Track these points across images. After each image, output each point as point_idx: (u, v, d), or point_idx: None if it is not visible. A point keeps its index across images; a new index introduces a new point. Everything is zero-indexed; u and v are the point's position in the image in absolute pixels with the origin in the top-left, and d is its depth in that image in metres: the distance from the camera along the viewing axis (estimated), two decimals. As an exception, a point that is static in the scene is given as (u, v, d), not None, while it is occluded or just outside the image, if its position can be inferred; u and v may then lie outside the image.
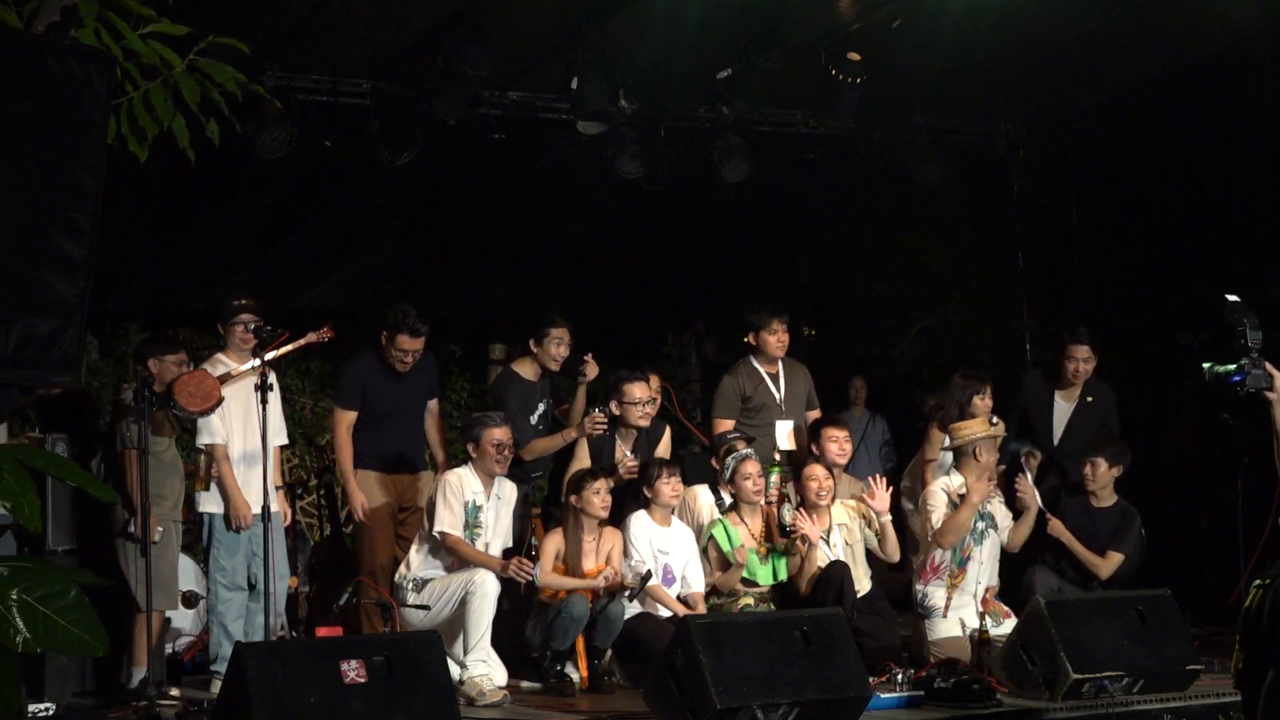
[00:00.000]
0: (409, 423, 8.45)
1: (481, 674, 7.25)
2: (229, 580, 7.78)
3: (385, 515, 8.23)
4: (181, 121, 4.66)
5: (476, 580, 7.34)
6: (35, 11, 4.40)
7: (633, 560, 7.83)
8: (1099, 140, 10.52)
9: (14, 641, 3.00)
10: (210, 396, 7.43)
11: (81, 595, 3.12)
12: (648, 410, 8.39)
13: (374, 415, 8.32)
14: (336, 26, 8.42)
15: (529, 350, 8.57)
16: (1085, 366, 8.90)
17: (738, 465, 8.10)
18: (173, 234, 10.53)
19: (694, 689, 6.18)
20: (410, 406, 8.45)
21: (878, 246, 11.69)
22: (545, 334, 8.46)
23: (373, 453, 8.32)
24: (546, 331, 8.46)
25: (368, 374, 8.34)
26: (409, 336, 8.18)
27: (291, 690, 5.65)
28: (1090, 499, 8.48)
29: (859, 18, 8.95)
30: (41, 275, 4.07)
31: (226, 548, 7.78)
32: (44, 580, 3.07)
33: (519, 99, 9.42)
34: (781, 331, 8.76)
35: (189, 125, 4.70)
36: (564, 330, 8.49)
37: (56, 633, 3.05)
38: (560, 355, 8.52)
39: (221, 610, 7.75)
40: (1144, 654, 7.08)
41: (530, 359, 8.56)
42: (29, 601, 3.04)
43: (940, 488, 8.18)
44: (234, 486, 7.72)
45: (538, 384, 8.57)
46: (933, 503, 8.13)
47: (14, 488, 3.12)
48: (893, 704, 6.89)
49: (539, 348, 8.49)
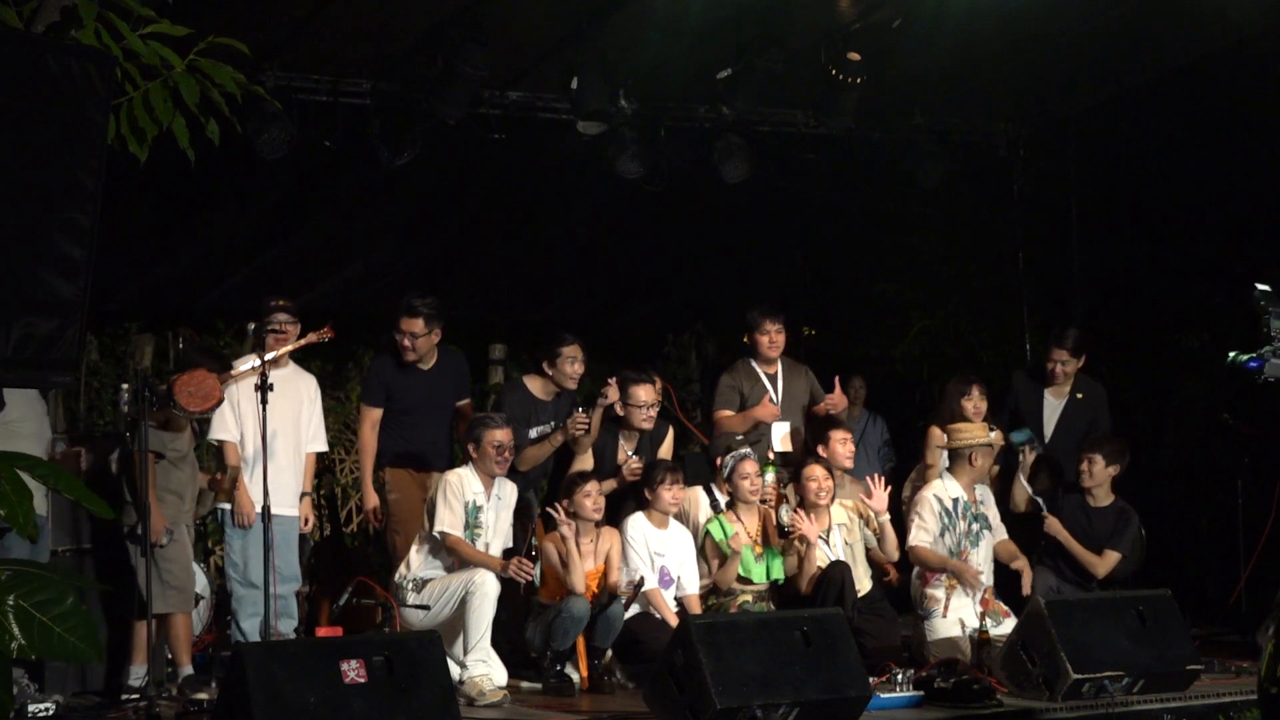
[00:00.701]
0: (435, 420, 8.45)
1: (481, 674, 7.24)
2: (240, 576, 7.79)
3: (417, 511, 8.21)
4: (181, 122, 4.67)
5: (477, 580, 7.34)
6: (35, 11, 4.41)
7: (629, 567, 7.84)
8: (1099, 140, 10.52)
9: (9, 648, 2.99)
10: (210, 396, 7.41)
11: (79, 602, 3.11)
12: (651, 413, 8.38)
13: (396, 411, 8.36)
14: (336, 26, 8.43)
15: (541, 369, 8.46)
16: (1065, 369, 8.94)
17: (736, 464, 8.10)
18: (173, 234, 10.53)
19: (694, 689, 6.18)
20: (435, 403, 8.44)
21: (878, 246, 11.69)
22: (558, 354, 8.32)
23: (399, 449, 8.35)
24: (559, 351, 8.32)
25: (387, 370, 8.38)
26: (407, 316, 8.20)
27: (291, 690, 5.65)
28: (1087, 498, 8.49)
29: (859, 18, 8.95)
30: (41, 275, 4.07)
31: (238, 544, 7.79)
32: (42, 586, 3.06)
33: (519, 99, 9.42)
34: (774, 332, 8.72)
35: (189, 126, 4.70)
36: (576, 348, 8.36)
37: (52, 640, 3.04)
38: (576, 373, 8.40)
39: (235, 607, 7.79)
40: (1144, 654, 7.08)
41: (542, 377, 8.48)
42: (25, 608, 3.03)
43: (931, 494, 8.20)
44: (242, 483, 7.75)
45: (551, 404, 8.41)
46: (918, 510, 8.17)
47: (10, 496, 3.11)
48: (893, 704, 6.88)
49: (553, 369, 8.36)
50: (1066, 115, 10.57)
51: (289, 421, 7.94)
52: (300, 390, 8.09)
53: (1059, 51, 9.44)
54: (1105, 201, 10.64)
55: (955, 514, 8.18)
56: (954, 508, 8.19)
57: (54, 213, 4.11)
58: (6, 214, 4.03)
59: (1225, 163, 9.80)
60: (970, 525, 8.17)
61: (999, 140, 10.78)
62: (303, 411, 8.07)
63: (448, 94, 8.68)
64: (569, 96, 8.89)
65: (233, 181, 9.47)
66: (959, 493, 8.22)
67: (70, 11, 4.40)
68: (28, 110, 4.08)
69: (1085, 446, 8.55)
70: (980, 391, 8.65)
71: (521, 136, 9.50)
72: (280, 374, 7.76)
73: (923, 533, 8.15)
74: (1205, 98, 9.79)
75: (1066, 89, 10.26)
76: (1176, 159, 10.02)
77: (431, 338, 8.32)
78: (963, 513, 8.19)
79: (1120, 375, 10.12)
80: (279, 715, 5.58)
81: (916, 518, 8.18)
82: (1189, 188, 10.06)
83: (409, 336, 8.23)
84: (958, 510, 8.19)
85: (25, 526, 3.14)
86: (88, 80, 4.13)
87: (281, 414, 7.78)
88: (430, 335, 8.30)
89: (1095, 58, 9.68)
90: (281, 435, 7.81)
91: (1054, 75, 9.96)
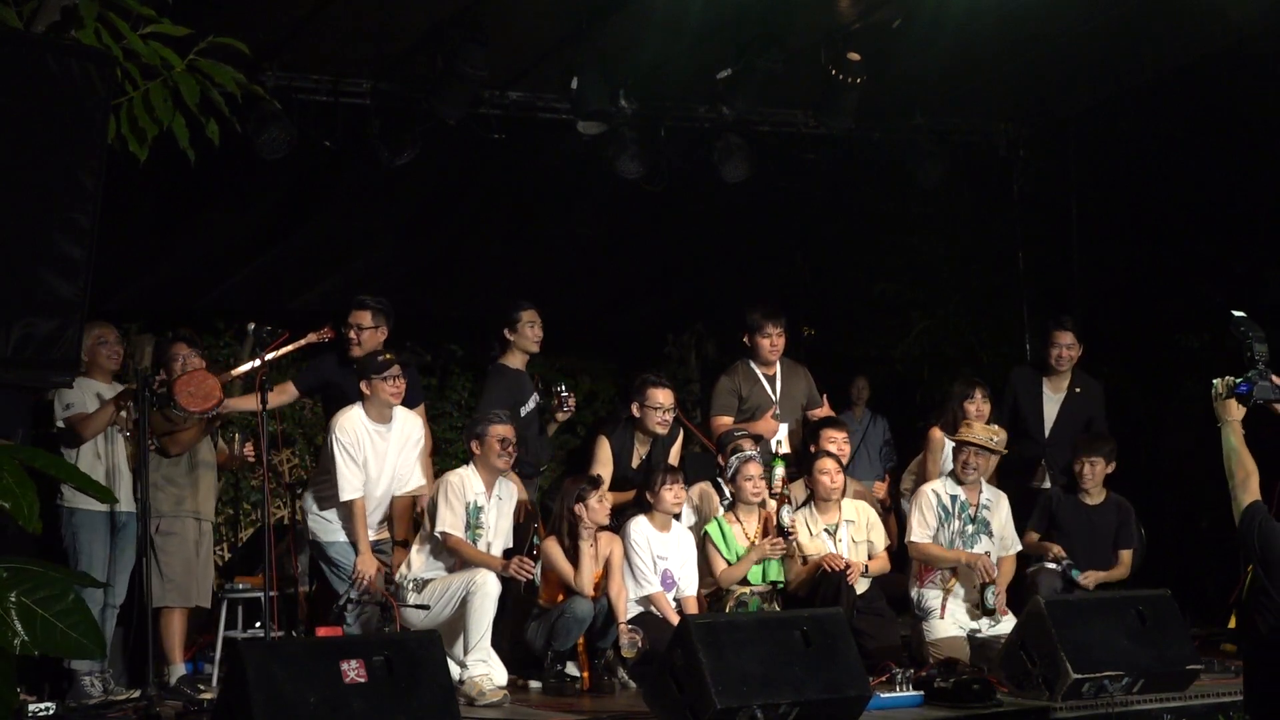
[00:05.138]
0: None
1: (481, 674, 7.24)
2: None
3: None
4: (181, 122, 4.66)
5: (478, 580, 7.34)
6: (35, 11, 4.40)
7: (634, 570, 7.85)
8: (1099, 140, 10.52)
9: (12, 644, 3.00)
10: (210, 396, 7.41)
11: (80, 599, 3.11)
12: (667, 417, 8.39)
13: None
14: (336, 26, 8.43)
15: (507, 342, 8.63)
16: (1069, 353, 8.94)
17: (741, 466, 8.09)
18: (173, 234, 10.53)
19: (694, 689, 6.18)
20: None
21: (878, 246, 11.69)
22: (517, 319, 8.56)
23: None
24: (518, 316, 8.57)
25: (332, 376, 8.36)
26: (356, 310, 8.22)
27: (291, 690, 5.64)
28: (1084, 497, 8.49)
29: (859, 18, 8.95)
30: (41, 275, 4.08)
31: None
32: (43, 583, 3.07)
33: (519, 99, 9.43)
34: (775, 335, 8.72)
35: (189, 126, 4.69)
36: (533, 312, 8.61)
37: (54, 636, 3.04)
38: (536, 336, 8.61)
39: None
40: (1144, 654, 7.07)
41: (511, 350, 8.61)
42: (27, 604, 3.03)
43: (930, 489, 8.20)
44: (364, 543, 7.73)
45: (524, 373, 8.63)
46: (918, 505, 8.17)
47: (14, 488, 3.11)
48: (893, 704, 6.88)
49: (515, 334, 8.58)
50: (1066, 115, 10.57)
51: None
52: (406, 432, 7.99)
53: (1059, 51, 9.44)
54: (1105, 201, 10.64)
55: (952, 512, 8.17)
56: (951, 505, 8.18)
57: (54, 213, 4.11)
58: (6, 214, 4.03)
59: (1225, 163, 9.80)
60: (965, 526, 8.15)
61: (999, 140, 10.78)
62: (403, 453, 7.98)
63: (448, 94, 8.68)
64: (569, 96, 8.90)
65: (233, 181, 9.47)
66: (958, 492, 8.21)
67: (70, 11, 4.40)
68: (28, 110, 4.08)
69: (1083, 449, 8.53)
70: (984, 394, 8.65)
71: (521, 136, 9.51)
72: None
73: (922, 529, 8.13)
74: (1205, 98, 9.79)
75: (1066, 89, 10.26)
76: (1176, 159, 10.02)
77: (378, 333, 8.18)
78: (959, 512, 8.18)
79: (1120, 375, 10.12)
80: (279, 715, 5.57)
81: (917, 513, 8.17)
82: (1189, 188, 10.06)
83: (355, 329, 8.16)
84: (954, 509, 8.18)
85: (30, 520, 3.14)
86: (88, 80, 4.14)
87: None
88: (376, 331, 8.18)
89: (1095, 58, 9.68)
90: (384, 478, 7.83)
91: (1054, 75, 9.96)
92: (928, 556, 8.14)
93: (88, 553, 7.29)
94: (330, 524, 7.81)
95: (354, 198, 10.49)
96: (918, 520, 8.16)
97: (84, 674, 7.26)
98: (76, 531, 7.31)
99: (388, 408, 7.75)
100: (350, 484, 7.63)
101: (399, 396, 7.76)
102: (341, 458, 7.62)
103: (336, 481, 7.65)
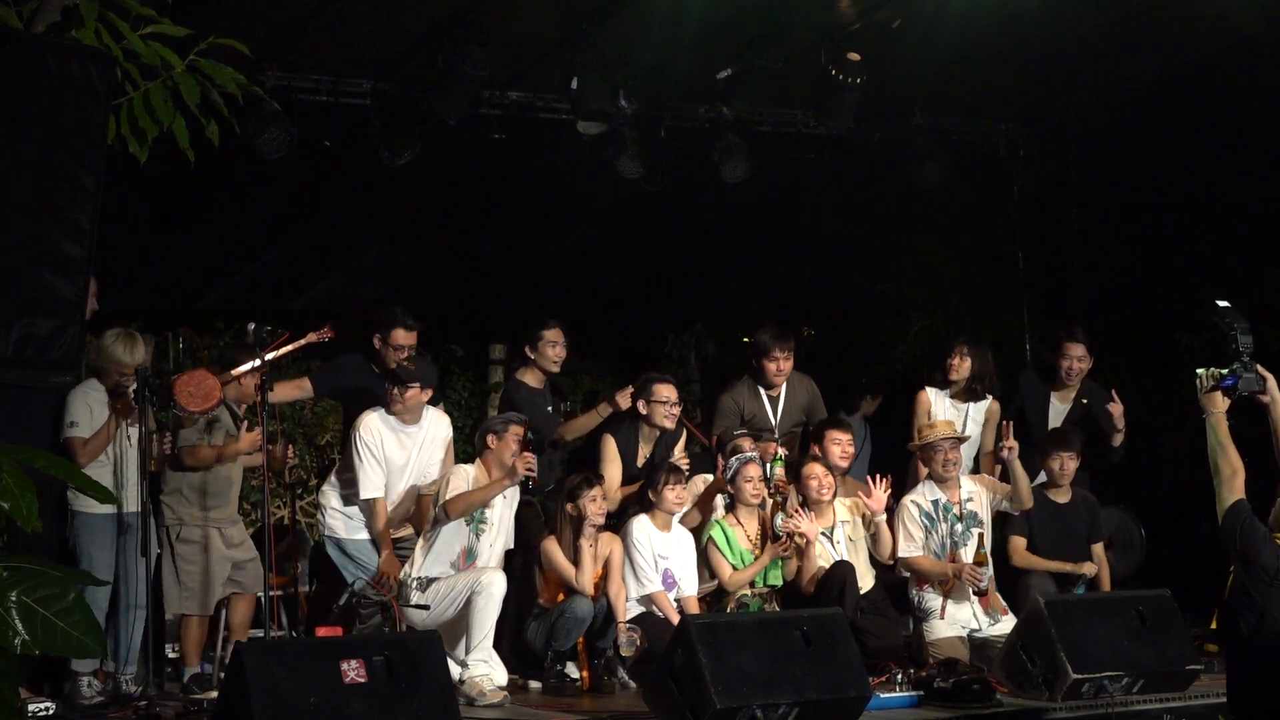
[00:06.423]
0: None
1: (482, 674, 7.24)
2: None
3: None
4: (181, 122, 4.67)
5: (483, 581, 7.33)
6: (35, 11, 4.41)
7: (635, 569, 7.85)
8: (1099, 140, 10.51)
9: (12, 643, 3.00)
10: (210, 396, 7.42)
11: (81, 598, 3.12)
12: (673, 410, 8.44)
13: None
14: (336, 26, 8.42)
15: (528, 359, 8.62)
16: (1080, 365, 8.91)
17: (740, 467, 8.09)
18: (173, 234, 10.53)
19: (694, 689, 6.18)
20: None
21: (878, 246, 11.68)
22: (539, 337, 8.55)
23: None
24: (540, 335, 8.55)
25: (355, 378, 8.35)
26: (404, 330, 8.19)
27: (291, 690, 5.65)
28: (1053, 494, 8.48)
29: (859, 18, 8.94)
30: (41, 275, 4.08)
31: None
32: (44, 582, 3.07)
33: (519, 99, 9.42)
34: (783, 359, 8.76)
35: (189, 126, 4.70)
36: (557, 331, 8.58)
37: (55, 635, 3.05)
38: (558, 356, 8.60)
39: None
40: (1144, 654, 7.07)
41: (532, 367, 8.59)
42: (28, 603, 3.04)
43: (910, 501, 8.19)
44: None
45: (544, 391, 8.65)
46: (901, 521, 8.17)
47: (13, 489, 3.11)
48: (893, 704, 6.88)
49: (535, 353, 8.56)
50: (1066, 115, 10.56)
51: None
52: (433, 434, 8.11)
53: (1059, 51, 9.43)
54: (1105, 201, 10.63)
55: (937, 516, 8.16)
56: (935, 510, 8.17)
57: (54, 213, 4.12)
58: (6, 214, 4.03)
59: (1225, 163, 9.79)
60: (954, 525, 8.14)
61: (999, 140, 10.78)
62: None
63: (448, 94, 8.68)
64: (569, 96, 8.89)
65: (232, 182, 9.47)
66: (939, 495, 8.20)
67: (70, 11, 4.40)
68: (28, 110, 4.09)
69: (1054, 444, 8.50)
70: (962, 353, 8.69)
71: (521, 136, 9.51)
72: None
73: (909, 543, 8.14)
74: (1205, 98, 9.78)
75: (1066, 89, 10.25)
76: (1176, 159, 10.02)
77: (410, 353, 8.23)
78: (944, 514, 8.17)
79: (1120, 375, 10.11)
80: (279, 715, 5.58)
81: (901, 529, 8.16)
82: (1189, 188, 10.05)
83: (408, 350, 8.16)
84: (939, 512, 8.17)
85: (29, 520, 3.14)
86: (88, 80, 4.14)
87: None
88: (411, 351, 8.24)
89: (1095, 58, 9.67)
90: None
91: (1054, 75, 9.95)
92: (918, 570, 8.15)
93: (89, 555, 7.29)
94: (352, 521, 7.96)
95: (354, 198, 10.49)
96: (903, 536, 8.15)
97: (83, 674, 7.26)
98: (79, 533, 7.31)
99: (419, 409, 7.92)
100: (372, 482, 7.81)
101: (423, 402, 7.94)
102: (364, 457, 7.79)
103: (358, 480, 7.77)
